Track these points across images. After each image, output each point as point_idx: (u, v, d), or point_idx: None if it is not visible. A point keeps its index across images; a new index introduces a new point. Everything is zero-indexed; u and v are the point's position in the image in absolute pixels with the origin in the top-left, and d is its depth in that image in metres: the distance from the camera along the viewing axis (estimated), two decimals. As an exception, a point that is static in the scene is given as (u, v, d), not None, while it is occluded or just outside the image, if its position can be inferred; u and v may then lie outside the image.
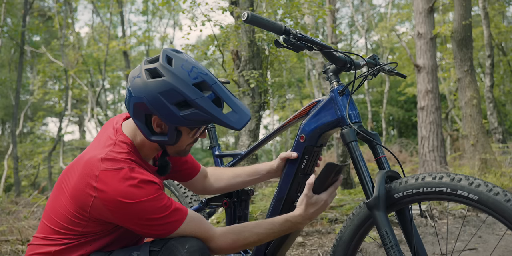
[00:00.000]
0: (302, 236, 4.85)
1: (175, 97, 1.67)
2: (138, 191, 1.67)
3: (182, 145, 1.83)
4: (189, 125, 1.73)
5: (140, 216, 1.68)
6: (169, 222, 1.71)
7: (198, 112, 1.69)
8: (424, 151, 9.51)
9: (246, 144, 5.77)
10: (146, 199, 1.67)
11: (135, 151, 1.83)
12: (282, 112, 28.17)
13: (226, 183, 2.29)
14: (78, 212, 1.73)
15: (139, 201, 1.66)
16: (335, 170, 1.81)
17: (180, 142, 1.81)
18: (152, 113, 1.72)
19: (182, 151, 1.87)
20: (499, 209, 1.51)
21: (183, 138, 1.80)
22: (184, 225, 1.73)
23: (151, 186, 1.70)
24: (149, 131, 1.77)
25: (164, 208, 1.70)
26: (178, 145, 1.83)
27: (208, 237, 1.77)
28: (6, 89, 26.04)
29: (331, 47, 1.91)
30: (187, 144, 1.84)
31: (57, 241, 1.78)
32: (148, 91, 1.68)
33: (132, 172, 1.69)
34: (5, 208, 7.52)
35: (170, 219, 1.71)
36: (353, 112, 1.90)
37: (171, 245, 1.67)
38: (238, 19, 6.16)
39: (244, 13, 1.75)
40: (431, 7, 10.02)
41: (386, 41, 26.81)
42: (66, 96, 21.21)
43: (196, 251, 1.65)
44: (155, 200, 1.69)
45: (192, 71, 1.72)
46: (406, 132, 31.20)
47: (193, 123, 1.72)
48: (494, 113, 15.35)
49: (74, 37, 20.88)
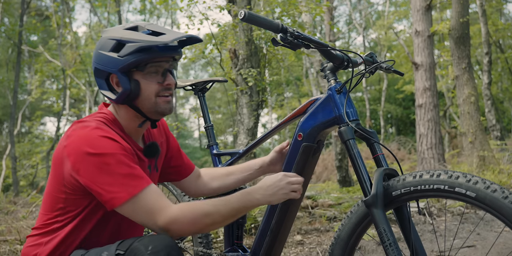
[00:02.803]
0: (301, 234, 4.86)
1: (109, 44, 1.78)
2: (102, 142, 1.69)
3: (149, 95, 1.81)
4: (129, 62, 1.74)
5: (100, 169, 1.67)
6: (128, 183, 1.67)
7: (130, 45, 1.74)
8: (422, 149, 9.52)
9: (244, 142, 5.77)
10: (109, 153, 1.68)
11: (115, 122, 1.86)
12: (280, 111, 28.19)
13: (220, 182, 2.27)
14: (57, 182, 1.77)
15: (102, 152, 1.67)
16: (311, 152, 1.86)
17: (144, 92, 1.80)
18: (104, 73, 1.80)
19: (157, 106, 1.82)
20: (497, 206, 1.51)
21: (144, 86, 1.80)
22: (143, 193, 1.68)
23: (115, 143, 1.72)
24: (114, 94, 1.82)
25: (126, 167, 1.69)
26: (146, 97, 1.81)
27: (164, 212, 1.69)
28: (4, 88, 25.99)
29: (328, 45, 1.91)
30: (154, 94, 1.81)
31: (48, 228, 1.82)
32: (94, 55, 1.84)
33: (99, 128, 1.74)
34: (3, 208, 7.51)
35: (130, 181, 1.68)
36: (350, 110, 1.90)
37: (134, 247, 1.62)
38: (236, 17, 6.16)
39: (241, 11, 1.74)
40: (428, 4, 10.02)
41: (384, 39, 26.84)
42: (64, 95, 21.20)
43: (161, 250, 1.59)
44: (118, 155, 1.69)
45: (128, 24, 1.86)
46: (404, 130, 31.23)
47: (132, 59, 1.74)
48: (492, 111, 15.37)
49: (71, 37, 20.84)
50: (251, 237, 4.56)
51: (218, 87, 27.08)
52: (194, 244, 2.71)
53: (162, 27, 1.84)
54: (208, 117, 2.65)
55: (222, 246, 4.23)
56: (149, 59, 1.77)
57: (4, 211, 7.20)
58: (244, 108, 5.92)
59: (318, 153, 2.05)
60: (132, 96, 1.80)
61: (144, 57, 1.75)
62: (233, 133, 6.18)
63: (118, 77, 1.78)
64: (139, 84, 1.79)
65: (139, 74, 1.79)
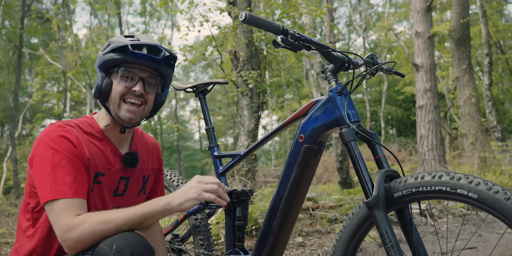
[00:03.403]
0: (302, 236, 4.86)
1: (104, 46, 1.92)
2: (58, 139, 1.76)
3: (115, 96, 1.88)
4: (105, 59, 1.86)
5: (46, 162, 1.72)
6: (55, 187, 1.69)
7: (109, 45, 1.88)
8: (423, 150, 9.52)
9: (245, 144, 5.77)
10: (59, 151, 1.74)
11: (92, 126, 1.94)
12: (280, 112, 28.20)
13: None
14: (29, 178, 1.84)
15: (54, 148, 1.74)
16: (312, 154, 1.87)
17: (112, 93, 1.88)
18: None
19: (119, 110, 1.88)
20: (498, 207, 1.51)
21: (114, 87, 1.88)
22: (61, 202, 1.68)
23: (68, 144, 1.77)
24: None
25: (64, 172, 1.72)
26: (112, 98, 1.88)
27: (66, 222, 1.66)
28: (4, 91, 26.02)
29: (329, 47, 1.90)
30: (119, 96, 1.87)
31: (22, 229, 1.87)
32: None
33: (62, 127, 1.82)
34: (4, 211, 7.52)
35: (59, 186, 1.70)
36: (351, 111, 1.90)
37: (100, 249, 1.61)
38: (236, 19, 6.16)
39: (242, 13, 1.74)
40: (428, 6, 10.03)
41: (384, 40, 26.86)
42: (64, 98, 21.21)
43: (125, 248, 1.57)
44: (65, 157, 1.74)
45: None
46: (405, 131, 31.23)
47: (107, 58, 1.85)
48: (493, 112, 15.36)
49: (72, 39, 20.88)
50: (252, 239, 4.56)
51: (219, 89, 27.10)
52: (195, 246, 2.70)
53: (151, 39, 1.94)
54: (209, 119, 2.65)
55: (223, 248, 4.22)
56: (121, 61, 1.85)
57: (5, 213, 7.21)
58: (244, 110, 5.92)
59: (319, 154, 2.05)
60: (103, 93, 1.89)
61: (117, 58, 1.85)
62: (234, 135, 6.18)
63: (97, 72, 1.92)
64: (111, 84, 1.88)
65: (115, 75, 1.88)
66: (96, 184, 1.87)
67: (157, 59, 1.87)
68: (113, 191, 1.95)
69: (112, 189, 1.94)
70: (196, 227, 2.73)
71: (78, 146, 1.80)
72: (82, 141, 1.83)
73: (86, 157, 1.81)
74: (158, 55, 1.88)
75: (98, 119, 1.97)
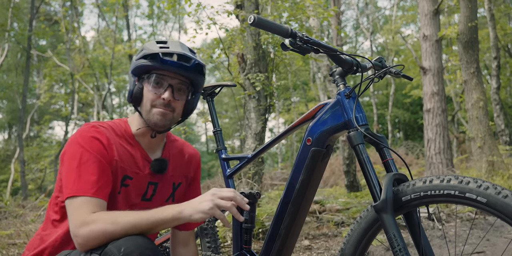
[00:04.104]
0: (308, 239, 4.85)
1: (138, 52, 1.96)
2: (88, 139, 1.82)
3: (146, 103, 1.91)
4: (136, 65, 1.90)
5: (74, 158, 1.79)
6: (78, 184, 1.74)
7: (141, 51, 1.93)
8: (430, 154, 9.48)
9: (252, 147, 5.77)
10: (88, 150, 1.80)
11: (124, 130, 1.98)
12: (287, 115, 28.20)
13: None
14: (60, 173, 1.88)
15: (84, 146, 1.80)
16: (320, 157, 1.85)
17: (144, 98, 1.92)
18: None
19: (150, 115, 1.91)
20: (508, 212, 1.50)
21: (145, 93, 1.91)
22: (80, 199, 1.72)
23: (98, 145, 1.82)
24: None
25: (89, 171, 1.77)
26: (144, 104, 1.92)
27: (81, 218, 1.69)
28: (12, 93, 26.18)
29: (337, 50, 1.90)
30: (150, 103, 1.90)
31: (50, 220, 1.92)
32: None
33: (95, 127, 1.87)
34: (12, 212, 7.55)
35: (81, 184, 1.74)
36: (359, 114, 1.89)
37: (108, 250, 1.62)
38: (244, 22, 6.17)
39: (251, 16, 1.75)
40: (436, 9, 10.01)
41: (392, 43, 26.80)
42: (72, 99, 21.29)
43: (133, 251, 1.58)
44: (93, 157, 1.79)
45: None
46: (412, 135, 31.12)
47: (139, 63, 1.90)
48: (501, 115, 15.30)
49: (80, 41, 20.96)
50: (259, 242, 4.56)
51: (226, 91, 27.13)
52: (202, 248, 2.71)
53: (182, 46, 1.96)
54: (217, 122, 2.65)
55: (230, 250, 4.22)
56: (152, 67, 1.89)
57: (13, 214, 7.24)
58: (251, 112, 5.92)
59: (327, 158, 2.04)
60: (135, 98, 1.93)
61: (148, 64, 1.88)
62: (241, 138, 6.18)
63: (130, 77, 1.97)
64: (142, 89, 1.92)
65: (146, 81, 1.92)
66: (123, 186, 1.89)
67: (186, 66, 1.89)
68: (141, 195, 1.97)
69: (141, 194, 1.97)
70: (203, 229, 2.73)
71: (108, 148, 1.84)
72: (113, 144, 1.88)
73: (115, 159, 1.85)
74: (188, 63, 1.90)
75: (131, 123, 2.01)
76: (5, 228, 5.76)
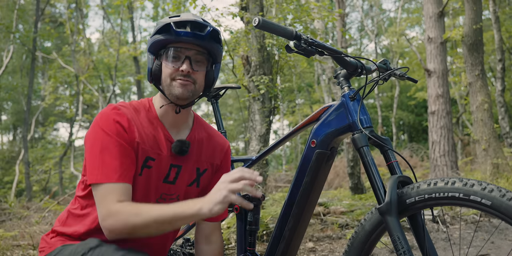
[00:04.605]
0: (313, 241, 4.84)
1: (154, 30, 1.91)
2: (109, 122, 1.82)
3: (166, 78, 1.88)
4: (153, 41, 1.87)
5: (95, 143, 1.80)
6: (101, 170, 1.76)
7: (156, 26, 1.89)
8: (435, 156, 9.47)
9: (256, 149, 5.77)
10: (109, 134, 1.80)
11: (148, 109, 1.97)
12: (292, 117, 28.19)
13: None
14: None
15: (105, 130, 1.81)
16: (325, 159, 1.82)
17: (163, 74, 1.89)
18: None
19: (171, 88, 1.88)
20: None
21: (163, 69, 1.88)
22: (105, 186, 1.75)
23: (119, 128, 1.82)
24: None
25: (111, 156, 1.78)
26: (164, 79, 1.89)
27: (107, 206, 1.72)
28: (17, 94, 26.26)
29: (342, 52, 1.91)
30: (169, 77, 1.88)
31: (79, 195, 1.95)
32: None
33: (116, 109, 1.87)
34: (16, 213, 7.57)
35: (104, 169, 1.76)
36: (364, 117, 1.89)
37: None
38: (248, 24, 6.17)
39: (256, 18, 1.75)
40: (441, 11, 10.00)
41: (396, 45, 26.79)
42: (77, 101, 21.34)
43: None
44: (114, 141, 1.80)
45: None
46: (417, 137, 31.06)
47: (154, 39, 1.87)
48: (505, 118, 15.24)
49: (85, 43, 21.01)
50: (264, 244, 4.56)
51: (230, 93, 27.15)
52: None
53: (195, 15, 1.93)
54: (221, 124, 2.66)
55: (234, 252, 4.22)
56: (166, 41, 1.86)
57: (17, 216, 7.25)
58: (256, 114, 5.92)
59: (331, 160, 2.05)
60: (155, 76, 1.91)
61: (162, 39, 1.86)
62: (245, 140, 6.18)
63: (147, 56, 1.94)
64: (160, 66, 1.89)
65: (163, 57, 1.89)
66: (145, 168, 1.87)
67: (201, 35, 1.84)
68: (163, 177, 1.94)
69: (163, 175, 1.93)
70: (207, 231, 2.73)
71: (128, 130, 1.83)
72: (134, 125, 1.86)
73: (136, 141, 1.85)
74: (202, 31, 1.86)
75: (155, 102, 1.99)
76: (9, 229, 5.78)
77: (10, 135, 33.61)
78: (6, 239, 4.99)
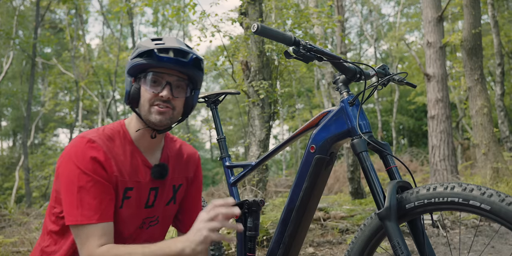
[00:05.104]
0: (313, 246, 4.83)
1: (133, 51, 1.87)
2: (85, 160, 1.74)
3: (144, 102, 1.84)
4: (132, 65, 1.83)
5: (72, 183, 1.73)
6: (81, 212, 1.70)
7: (136, 50, 1.84)
8: (435, 160, 9.46)
9: (256, 154, 5.77)
10: (85, 172, 1.73)
11: (123, 135, 1.91)
12: (291, 122, 28.21)
13: None
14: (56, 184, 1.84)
15: (81, 169, 1.73)
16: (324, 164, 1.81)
17: (142, 98, 1.84)
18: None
19: (149, 114, 1.84)
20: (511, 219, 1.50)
21: (142, 93, 1.84)
22: (86, 227, 1.71)
23: (96, 166, 1.75)
24: None
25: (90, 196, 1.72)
26: (142, 104, 1.84)
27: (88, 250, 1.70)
28: (17, 100, 26.27)
29: (340, 58, 1.91)
30: (148, 102, 1.83)
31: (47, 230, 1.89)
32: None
33: (90, 143, 1.78)
34: (16, 219, 7.56)
35: (84, 211, 1.70)
36: (363, 122, 1.89)
37: None
38: (248, 30, 6.19)
39: (254, 24, 1.75)
40: (440, 16, 10.02)
41: (396, 50, 26.84)
42: (77, 107, 21.37)
43: None
44: (90, 180, 1.73)
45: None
46: (417, 141, 31.07)
47: (134, 63, 1.82)
48: (505, 122, 15.26)
49: (84, 49, 21.07)
50: (264, 249, 4.55)
51: (230, 98, 27.17)
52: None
53: (179, 41, 1.88)
54: (221, 129, 2.66)
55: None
56: (148, 65, 1.81)
57: (17, 222, 7.24)
58: (256, 119, 5.93)
59: (330, 165, 2.05)
60: (132, 99, 1.86)
61: (143, 63, 1.81)
62: (245, 145, 6.19)
63: (126, 78, 1.90)
64: (139, 89, 1.84)
65: (143, 81, 1.84)
66: (125, 200, 1.84)
67: (184, 62, 1.82)
68: (144, 203, 1.92)
69: (143, 202, 1.91)
70: (207, 237, 2.73)
71: (106, 165, 1.78)
72: (111, 158, 1.81)
73: (115, 175, 1.80)
74: (185, 58, 1.82)
75: (129, 126, 1.93)
76: (9, 236, 5.77)
77: (10, 141, 33.64)
78: (6, 246, 4.98)
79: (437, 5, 10.22)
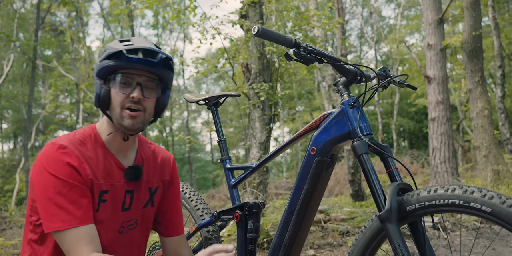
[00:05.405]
0: (313, 249, 4.83)
1: (102, 53, 1.84)
2: (58, 166, 1.72)
3: (115, 105, 1.81)
4: (101, 67, 1.80)
5: (47, 190, 1.70)
6: (60, 217, 1.68)
7: (105, 52, 1.81)
8: (435, 163, 9.46)
9: (256, 156, 5.77)
10: (60, 178, 1.70)
11: (95, 138, 1.88)
12: (292, 124, 28.20)
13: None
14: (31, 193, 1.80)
15: (55, 175, 1.70)
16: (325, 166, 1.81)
17: (113, 101, 1.81)
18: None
19: (121, 119, 1.81)
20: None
21: (113, 95, 1.81)
22: (68, 232, 1.68)
23: (70, 171, 1.72)
24: None
25: (68, 200, 1.69)
26: (114, 107, 1.82)
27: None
28: (18, 103, 26.28)
29: (341, 60, 1.91)
30: (120, 105, 1.80)
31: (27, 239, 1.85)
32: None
33: (62, 148, 1.76)
34: (17, 222, 7.55)
35: (64, 216, 1.68)
36: (364, 124, 1.89)
37: None
38: (248, 32, 6.19)
39: (255, 27, 1.76)
40: (440, 18, 10.03)
41: (396, 52, 26.86)
42: (77, 109, 21.37)
43: None
44: (66, 185, 1.71)
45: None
46: (417, 144, 31.06)
47: (103, 65, 1.79)
48: (505, 124, 15.25)
49: (85, 51, 21.08)
50: (264, 251, 4.55)
51: (230, 100, 27.18)
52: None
53: (147, 42, 1.87)
54: (221, 131, 2.66)
55: (234, 260, 4.20)
56: (117, 67, 1.79)
57: (18, 224, 7.24)
58: (256, 122, 5.93)
59: (331, 167, 2.04)
60: (103, 102, 1.82)
61: (112, 64, 1.78)
62: (246, 147, 6.19)
63: (95, 81, 1.86)
64: (109, 91, 1.81)
65: (112, 83, 1.81)
66: (101, 203, 1.82)
67: (153, 62, 1.79)
68: (120, 206, 1.90)
69: (119, 205, 1.90)
70: (208, 239, 2.73)
71: (80, 169, 1.75)
72: (84, 161, 1.78)
73: (89, 178, 1.78)
74: (154, 58, 1.80)
75: (100, 129, 1.91)
76: (10, 238, 5.77)
77: (10, 144, 33.65)
78: (6, 248, 4.98)
79: (438, 7, 10.23)
